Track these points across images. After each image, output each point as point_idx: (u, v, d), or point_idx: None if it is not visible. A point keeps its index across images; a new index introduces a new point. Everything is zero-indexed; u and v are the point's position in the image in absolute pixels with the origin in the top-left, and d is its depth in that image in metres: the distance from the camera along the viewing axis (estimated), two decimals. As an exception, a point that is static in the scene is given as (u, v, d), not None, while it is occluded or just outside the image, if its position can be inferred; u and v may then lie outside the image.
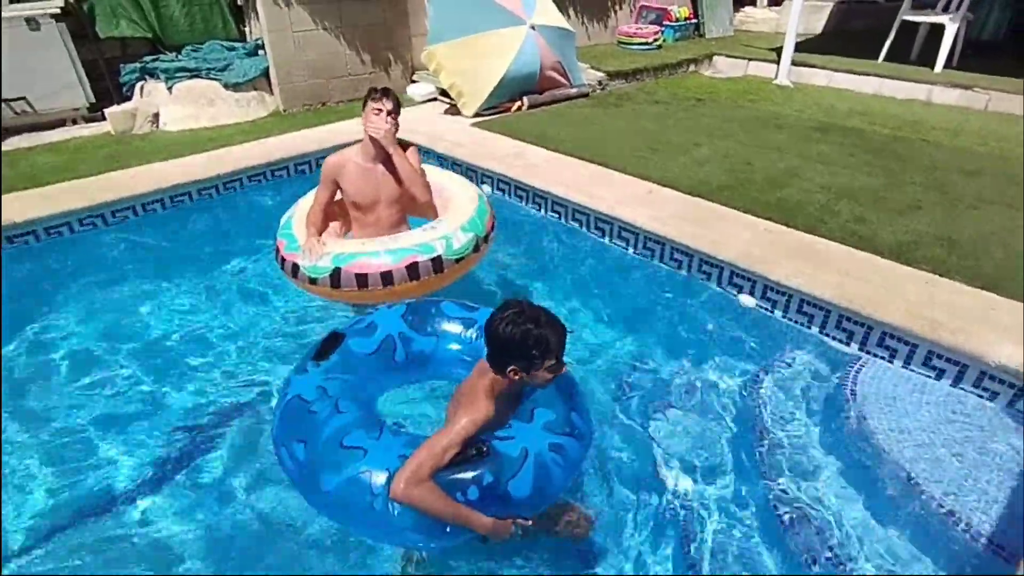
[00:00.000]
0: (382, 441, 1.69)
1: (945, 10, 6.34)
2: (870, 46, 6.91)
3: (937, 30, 6.35)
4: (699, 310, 2.98)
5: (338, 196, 2.82)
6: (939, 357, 2.40)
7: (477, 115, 5.27)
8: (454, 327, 2.26)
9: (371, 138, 2.63)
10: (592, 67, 6.37)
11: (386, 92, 2.61)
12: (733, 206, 3.43)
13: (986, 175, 3.96)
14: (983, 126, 5.11)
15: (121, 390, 2.56)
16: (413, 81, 6.32)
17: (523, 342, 1.59)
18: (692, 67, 7.32)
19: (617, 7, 7.98)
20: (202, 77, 5.46)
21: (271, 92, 5.76)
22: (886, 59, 6.70)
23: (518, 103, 5.43)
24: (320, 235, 2.67)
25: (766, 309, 2.87)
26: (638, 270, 3.29)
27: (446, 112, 5.52)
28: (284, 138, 4.84)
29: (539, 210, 3.87)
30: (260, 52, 5.79)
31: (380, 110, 2.58)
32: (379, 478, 1.59)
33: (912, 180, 3.88)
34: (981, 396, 2.31)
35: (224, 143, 4.73)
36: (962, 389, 2.36)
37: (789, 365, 2.63)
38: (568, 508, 1.92)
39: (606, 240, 3.48)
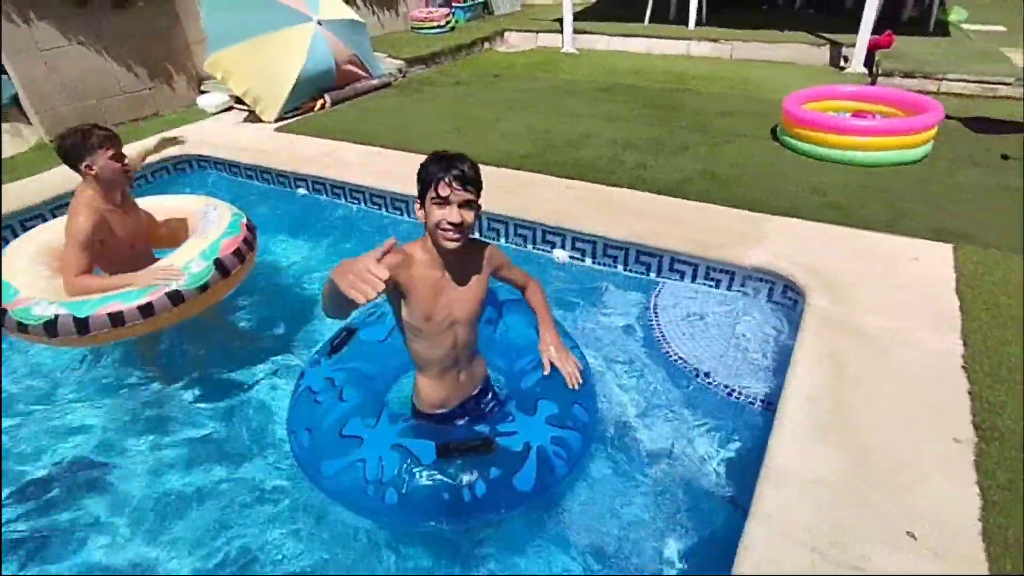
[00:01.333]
0: (378, 429, 1.79)
1: (688, -27, 7.27)
2: (638, 9, 7.72)
3: (686, -8, 7.27)
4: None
5: None
6: (713, 270, 2.90)
7: (280, 119, 5.09)
8: None
9: (112, 183, 2.43)
10: (390, 56, 6.40)
11: (108, 130, 2.39)
12: (537, 171, 3.76)
13: (736, 114, 4.72)
14: (730, 72, 6.03)
15: None
16: (202, 91, 5.88)
17: (418, 175, 1.64)
18: (487, 45, 7.65)
19: (405, -8, 8.04)
20: (-70, 115, 4.63)
21: (28, 122, 5.04)
22: (651, 21, 7.54)
23: (320, 101, 5.33)
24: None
25: (578, 259, 3.22)
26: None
27: (246, 120, 5.24)
28: (57, 172, 4.30)
29: (359, 204, 3.90)
30: (3, 77, 5.02)
31: (121, 154, 2.40)
32: (372, 466, 1.70)
33: (681, 125, 4.51)
34: (747, 295, 2.85)
35: (-20, 188, 4.10)
36: (733, 292, 2.88)
37: (604, 303, 3.00)
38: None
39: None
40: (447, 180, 1.55)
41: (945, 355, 2.13)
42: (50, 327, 2.20)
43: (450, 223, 1.57)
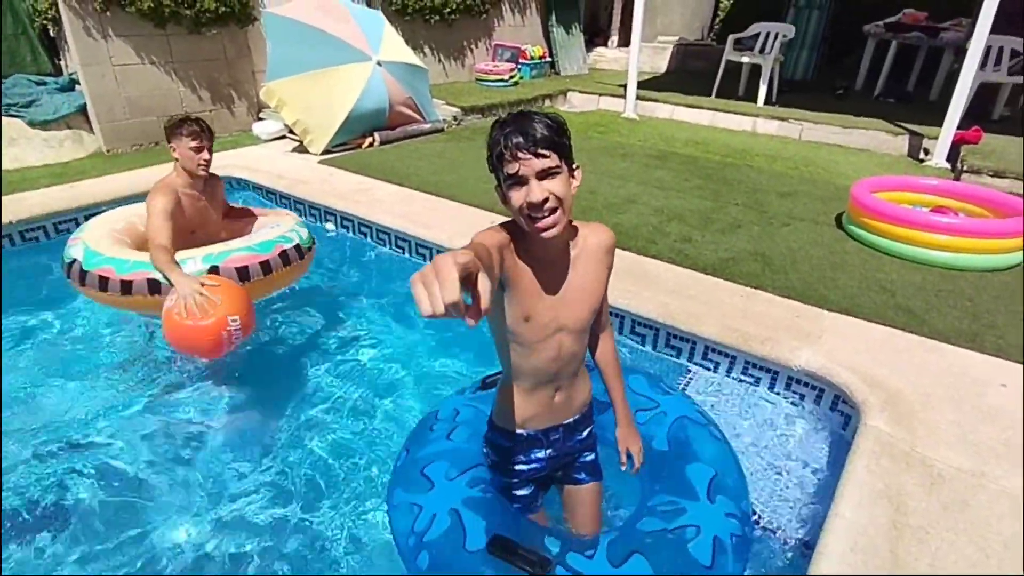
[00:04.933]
0: (454, 484, 1.63)
1: (761, 52, 7.08)
2: (706, 83, 7.56)
3: (758, 69, 7.07)
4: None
5: None
6: (754, 366, 2.51)
7: (326, 152, 5.07)
8: None
9: (190, 170, 2.67)
10: (448, 103, 6.41)
11: (201, 125, 2.63)
12: (572, 232, 3.48)
13: (798, 196, 4.36)
14: (796, 152, 5.70)
15: None
16: (260, 119, 6.01)
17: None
18: (547, 102, 7.62)
19: (474, 46, 8.17)
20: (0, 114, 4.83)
21: (91, 131, 5.21)
22: (717, 95, 7.34)
23: (369, 139, 5.30)
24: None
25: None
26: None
27: (294, 150, 5.26)
28: (102, 180, 4.35)
29: (383, 245, 3.72)
30: (76, 87, 5.24)
31: (201, 147, 2.63)
32: (423, 518, 1.55)
33: (735, 201, 4.18)
34: (788, 401, 2.44)
35: (28, 186, 4.17)
36: (773, 394, 2.47)
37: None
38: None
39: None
40: (510, 152, 1.15)
41: (1041, 516, 1.67)
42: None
43: (532, 203, 1.17)
